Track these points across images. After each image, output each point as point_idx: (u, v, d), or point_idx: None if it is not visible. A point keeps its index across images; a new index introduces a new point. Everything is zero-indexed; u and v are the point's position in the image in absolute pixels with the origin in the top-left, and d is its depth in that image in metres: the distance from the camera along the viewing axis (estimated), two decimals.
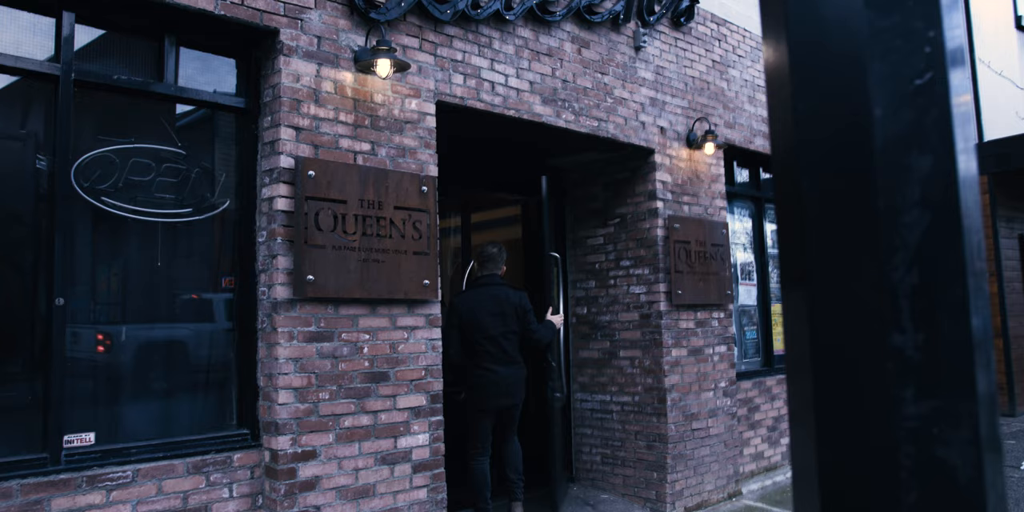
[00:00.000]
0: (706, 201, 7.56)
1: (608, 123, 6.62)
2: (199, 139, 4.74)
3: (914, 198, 0.68)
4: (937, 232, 0.68)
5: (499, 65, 5.80)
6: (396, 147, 5.06)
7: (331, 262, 4.60)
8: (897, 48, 0.68)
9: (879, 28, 0.68)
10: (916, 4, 0.69)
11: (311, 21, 4.78)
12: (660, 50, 7.26)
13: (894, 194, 0.68)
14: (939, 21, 0.69)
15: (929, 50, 0.68)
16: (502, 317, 6.04)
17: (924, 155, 0.68)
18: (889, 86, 0.69)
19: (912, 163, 0.68)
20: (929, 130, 0.68)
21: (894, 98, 0.68)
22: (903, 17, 0.68)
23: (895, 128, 0.68)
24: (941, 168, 0.68)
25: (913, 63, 0.68)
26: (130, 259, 4.46)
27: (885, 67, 0.68)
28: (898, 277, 0.68)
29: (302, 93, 4.67)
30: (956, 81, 0.69)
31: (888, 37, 0.68)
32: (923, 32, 0.68)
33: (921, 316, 0.68)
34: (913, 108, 0.68)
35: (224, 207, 4.71)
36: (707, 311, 7.41)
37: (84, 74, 4.22)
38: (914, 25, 0.68)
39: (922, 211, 0.68)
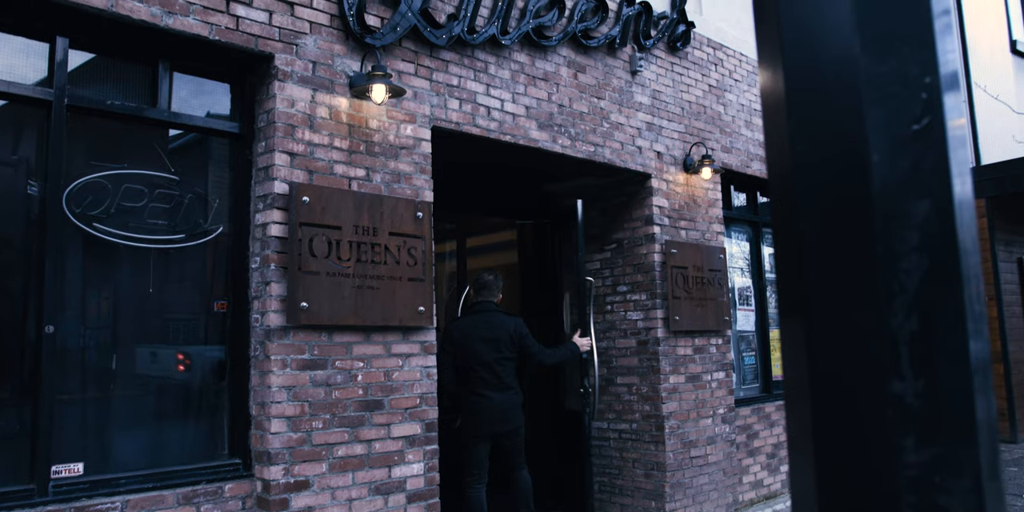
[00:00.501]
0: (703, 226, 7.58)
1: (605, 148, 6.65)
2: (192, 164, 4.75)
3: (912, 243, 0.68)
4: (936, 278, 0.68)
5: (495, 90, 5.83)
6: (391, 173, 5.07)
7: (325, 289, 4.59)
8: (894, 94, 0.69)
9: (875, 73, 0.69)
10: (912, 50, 0.69)
11: (306, 46, 4.81)
12: (656, 74, 7.31)
13: (892, 239, 0.69)
14: (935, 67, 0.69)
15: (926, 96, 0.69)
16: (495, 343, 6.06)
17: (922, 200, 0.69)
18: (886, 131, 0.69)
19: (910, 208, 0.69)
20: (927, 175, 0.69)
21: (891, 144, 0.69)
22: (899, 63, 0.69)
23: (893, 173, 0.69)
24: (939, 213, 0.69)
25: (910, 109, 0.69)
26: (121, 286, 4.45)
27: (882, 112, 0.69)
28: (897, 323, 0.68)
29: (297, 118, 4.69)
30: (952, 122, 0.70)
31: (884, 83, 0.69)
32: (920, 78, 0.69)
33: (921, 363, 0.68)
34: (910, 154, 0.69)
35: (217, 233, 4.71)
36: (705, 337, 7.40)
37: (77, 99, 4.23)
38: (910, 71, 0.69)
39: (921, 256, 0.68)
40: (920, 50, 0.69)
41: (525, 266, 8.64)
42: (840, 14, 0.71)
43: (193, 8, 4.38)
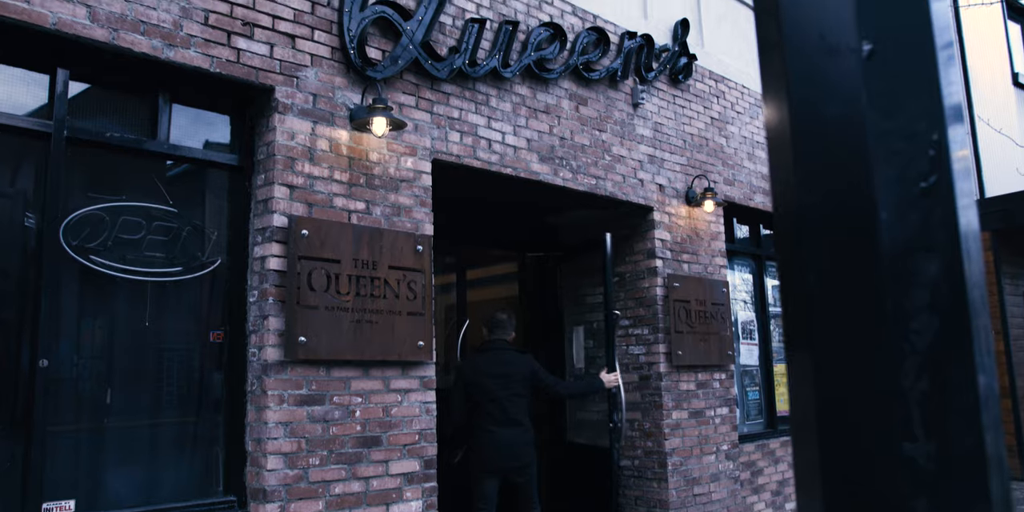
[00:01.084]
0: (706, 259, 7.58)
1: (606, 181, 6.67)
2: (191, 196, 4.77)
3: (922, 302, 0.68)
4: (947, 337, 0.68)
5: (496, 123, 5.87)
6: (391, 206, 5.09)
7: (324, 323, 4.58)
8: (901, 151, 0.69)
9: (882, 130, 0.69)
10: (919, 106, 0.70)
11: (307, 79, 4.85)
12: (658, 107, 7.35)
13: (902, 298, 0.69)
14: (943, 124, 0.70)
15: (933, 153, 0.69)
16: (506, 379, 6.10)
17: (931, 259, 0.69)
18: (894, 189, 0.69)
19: (919, 267, 0.69)
20: (935, 234, 0.69)
21: (899, 201, 0.69)
22: (907, 120, 0.69)
23: (901, 232, 0.69)
24: (949, 272, 0.69)
25: (917, 166, 0.69)
26: (117, 319, 4.44)
27: (889, 169, 0.69)
28: (908, 384, 0.68)
29: (297, 151, 4.71)
30: (960, 183, 0.70)
31: (892, 139, 0.69)
32: (927, 135, 0.69)
33: (932, 424, 0.67)
34: (919, 211, 0.69)
35: (215, 266, 4.71)
36: (708, 372, 7.38)
37: (76, 131, 4.25)
38: (918, 128, 0.69)
39: (931, 316, 0.68)
40: (927, 106, 0.70)
41: (526, 299, 8.63)
42: (846, 69, 0.71)
43: (194, 41, 4.42)
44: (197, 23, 4.45)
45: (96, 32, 4.09)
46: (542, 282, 8.39)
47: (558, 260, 8.14)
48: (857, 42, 0.71)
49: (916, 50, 0.71)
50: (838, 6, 0.73)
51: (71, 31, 4.02)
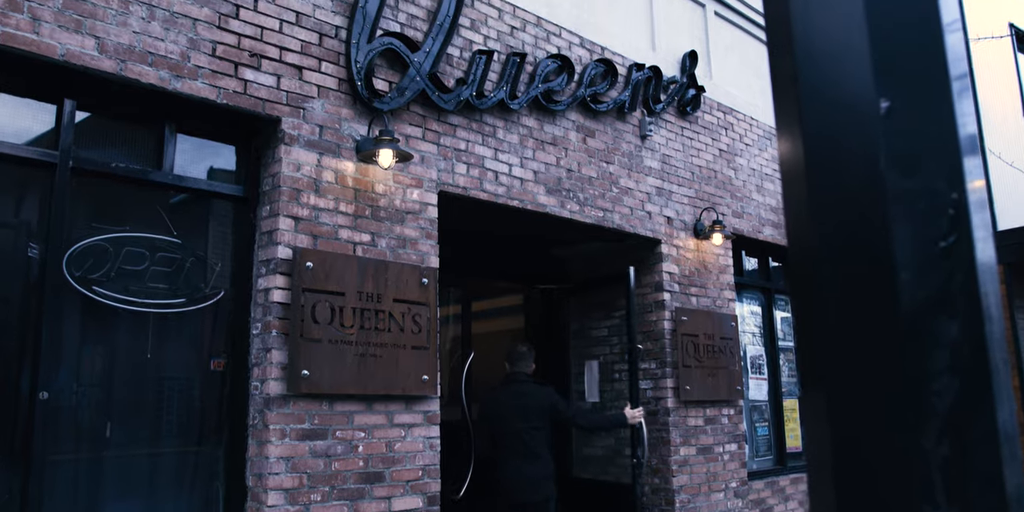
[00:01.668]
0: (714, 292, 7.57)
1: (613, 213, 6.68)
2: (195, 227, 4.78)
3: (943, 364, 0.68)
4: (968, 401, 0.68)
5: (503, 154, 5.89)
6: (397, 238, 5.10)
7: (327, 356, 4.57)
8: (920, 210, 0.69)
9: (901, 190, 0.69)
10: (938, 165, 0.70)
11: (313, 110, 4.88)
12: (666, 139, 7.38)
13: (922, 359, 0.68)
14: (962, 182, 0.70)
15: (953, 213, 0.69)
16: (525, 413, 6.13)
17: (952, 320, 0.68)
18: (913, 249, 0.69)
19: (940, 328, 0.68)
20: (956, 294, 0.69)
21: (919, 261, 0.69)
22: (925, 178, 0.69)
23: (921, 292, 0.69)
24: (969, 333, 0.68)
25: (937, 225, 0.69)
26: (119, 351, 4.44)
27: (908, 229, 0.69)
28: (929, 446, 0.67)
29: (302, 183, 4.73)
30: (980, 243, 0.70)
31: (911, 199, 0.69)
32: (946, 194, 0.69)
33: (954, 489, 0.67)
34: (939, 272, 0.69)
35: (218, 298, 4.71)
36: (716, 407, 7.33)
37: (82, 161, 4.28)
38: (937, 186, 0.69)
39: (952, 378, 0.68)
40: (946, 165, 0.70)
41: (531, 332, 8.61)
42: (864, 126, 0.72)
43: (202, 72, 4.46)
44: (205, 54, 4.49)
45: (104, 63, 4.13)
46: (548, 315, 8.38)
47: (565, 293, 8.13)
48: (875, 99, 0.71)
49: (934, 107, 0.72)
50: (855, 62, 0.73)
51: (79, 62, 4.05)
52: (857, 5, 0.75)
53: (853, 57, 0.74)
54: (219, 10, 4.60)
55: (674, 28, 7.89)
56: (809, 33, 0.77)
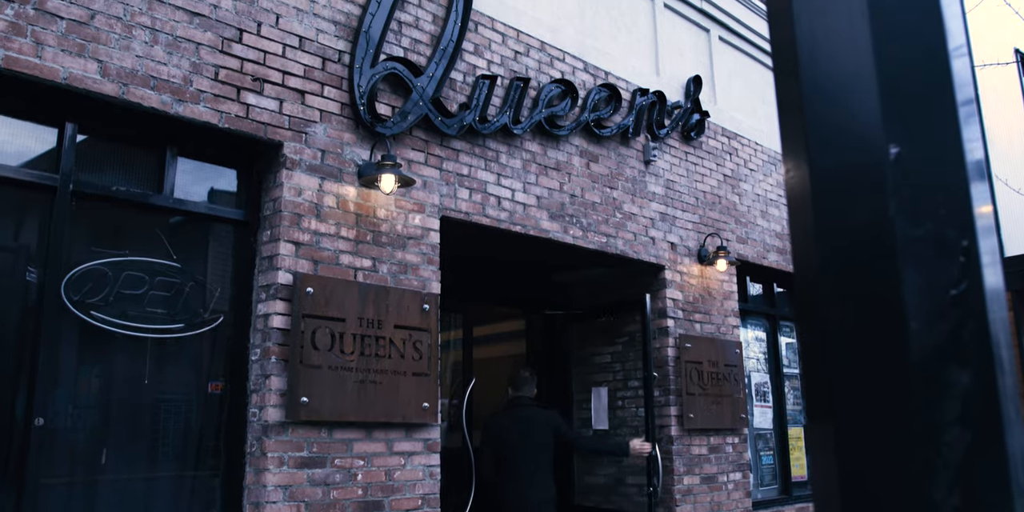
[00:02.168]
0: (718, 319, 7.55)
1: (617, 239, 6.68)
2: (195, 252, 4.78)
3: (954, 415, 0.67)
4: (980, 452, 0.67)
5: (506, 180, 5.90)
6: (398, 263, 5.09)
7: (327, 383, 4.56)
8: (930, 258, 0.69)
9: (911, 237, 0.69)
10: (948, 212, 0.69)
11: (316, 134, 4.90)
12: (670, 164, 7.40)
13: (933, 410, 0.68)
14: (973, 229, 0.69)
15: (963, 260, 0.69)
16: (528, 437, 6.23)
17: (963, 370, 0.68)
18: (923, 297, 0.69)
19: (950, 378, 0.68)
20: (967, 343, 0.68)
21: (929, 309, 0.68)
22: (936, 226, 0.69)
23: (931, 341, 0.68)
24: (981, 384, 0.68)
25: (947, 273, 0.69)
26: (116, 377, 4.42)
27: (919, 277, 0.69)
28: (940, 498, 0.67)
29: (303, 207, 4.74)
30: (992, 290, 0.69)
31: (921, 247, 0.69)
32: (957, 241, 0.69)
33: None
34: (949, 320, 0.68)
35: (217, 323, 4.70)
36: (721, 436, 7.29)
37: (82, 185, 4.28)
38: (947, 234, 0.69)
39: (963, 429, 0.67)
40: (956, 212, 0.70)
41: (533, 358, 8.58)
42: (873, 172, 0.72)
43: (204, 96, 4.48)
44: (207, 78, 4.52)
45: (106, 87, 4.15)
46: (550, 341, 8.36)
47: (567, 319, 8.11)
48: (884, 144, 0.71)
49: (945, 152, 0.72)
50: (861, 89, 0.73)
51: (81, 86, 4.07)
52: (863, 31, 0.75)
53: (860, 85, 0.74)
54: (222, 34, 4.63)
55: (678, 53, 7.93)
56: (815, 59, 0.77)
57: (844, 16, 0.77)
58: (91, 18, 4.15)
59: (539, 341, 8.52)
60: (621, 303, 7.44)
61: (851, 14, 0.76)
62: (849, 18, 0.76)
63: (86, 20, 4.13)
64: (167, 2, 4.45)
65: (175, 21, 4.45)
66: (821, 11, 0.78)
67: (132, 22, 4.29)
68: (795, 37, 0.79)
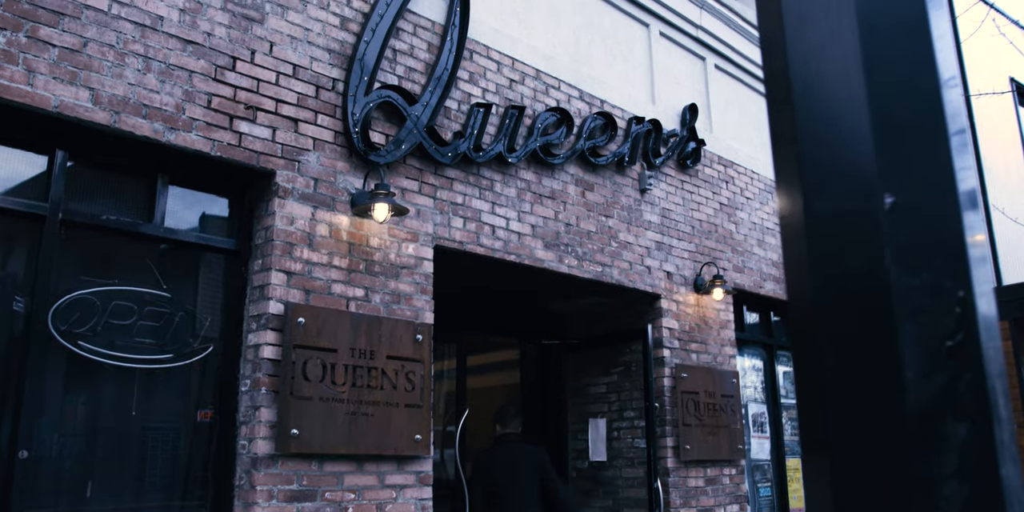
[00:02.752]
0: (715, 349, 7.54)
1: (613, 268, 6.68)
2: (185, 281, 4.77)
3: (951, 469, 0.67)
4: (978, 506, 0.66)
5: (500, 208, 5.91)
6: (391, 293, 5.09)
7: (318, 415, 4.53)
8: (927, 308, 0.69)
9: (907, 287, 0.69)
10: (945, 262, 0.69)
11: (309, 163, 4.90)
12: (666, 192, 7.42)
13: (929, 463, 0.67)
14: (969, 280, 0.69)
15: (960, 311, 0.69)
16: (517, 473, 6.27)
17: (960, 423, 0.67)
18: (919, 347, 0.68)
19: (947, 430, 0.67)
20: (963, 395, 0.68)
21: (925, 360, 0.68)
22: (932, 276, 0.69)
23: (927, 392, 0.68)
24: (979, 437, 0.67)
25: (943, 324, 0.69)
26: (103, 408, 4.40)
27: (914, 327, 0.68)
28: None
29: (296, 236, 4.73)
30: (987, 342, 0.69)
31: (917, 297, 0.69)
32: (953, 291, 0.69)
33: None
34: (945, 372, 0.68)
35: (207, 353, 4.68)
36: (718, 467, 7.25)
37: (71, 213, 4.28)
38: (943, 284, 0.69)
39: (961, 483, 0.66)
40: (952, 262, 0.69)
41: (527, 388, 8.55)
42: (868, 221, 0.71)
43: (196, 124, 4.49)
44: (200, 106, 4.53)
45: (98, 115, 4.16)
46: (545, 371, 8.33)
47: (562, 348, 8.09)
48: (880, 193, 0.71)
49: (940, 200, 0.72)
50: (858, 153, 0.74)
51: (73, 114, 4.08)
52: (856, 62, 0.76)
53: (852, 116, 0.75)
54: (216, 62, 4.65)
55: (674, 81, 7.98)
56: (808, 89, 0.78)
57: (837, 47, 0.77)
58: (83, 46, 4.17)
59: (534, 371, 8.49)
60: (617, 333, 7.43)
61: (843, 45, 0.77)
62: (842, 49, 0.77)
63: (78, 48, 4.15)
64: (161, 30, 4.47)
65: (168, 49, 4.47)
66: (813, 41, 0.79)
67: (125, 50, 4.31)
68: (788, 66, 0.79)
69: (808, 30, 0.79)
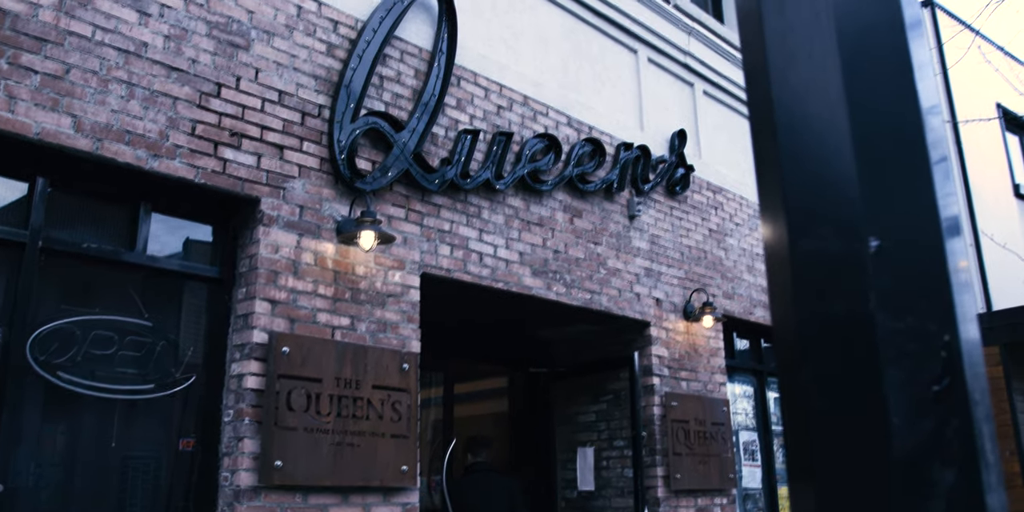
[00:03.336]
0: (705, 376, 7.53)
1: (601, 295, 6.68)
2: (167, 310, 4.74)
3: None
4: None
5: (488, 235, 5.91)
6: (377, 321, 5.07)
7: (302, 446, 4.49)
8: (912, 352, 0.68)
9: (892, 330, 0.69)
10: (930, 305, 0.69)
11: (294, 190, 4.90)
12: (655, 219, 7.44)
13: (916, 508, 0.66)
14: (954, 324, 0.69)
15: (945, 355, 0.68)
16: (489, 500, 6.38)
17: (947, 468, 0.67)
18: (905, 392, 0.68)
19: (934, 477, 0.67)
20: (951, 441, 0.67)
21: (911, 406, 0.68)
22: (917, 319, 0.69)
23: (914, 438, 0.67)
24: (966, 482, 0.67)
25: (929, 369, 0.68)
26: (82, 439, 4.35)
27: (900, 372, 0.68)
28: None
29: (280, 264, 4.72)
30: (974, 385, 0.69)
31: (902, 340, 0.69)
32: (938, 335, 0.69)
33: None
34: (932, 418, 0.68)
35: (189, 383, 4.64)
36: (708, 497, 7.21)
37: (52, 241, 4.25)
38: (928, 328, 0.69)
39: None
40: (937, 306, 0.69)
41: (515, 417, 8.51)
42: (853, 263, 0.71)
43: (180, 151, 4.48)
44: (184, 133, 4.53)
45: (80, 142, 4.15)
46: (533, 399, 8.30)
47: (551, 376, 8.07)
48: (864, 237, 0.71)
49: (925, 243, 0.72)
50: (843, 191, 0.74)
51: (54, 141, 4.07)
52: (838, 91, 0.76)
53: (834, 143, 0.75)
54: (200, 89, 4.66)
55: (662, 107, 8.03)
56: (791, 116, 0.78)
57: (819, 75, 0.78)
58: (66, 72, 4.17)
59: (522, 399, 8.46)
60: (605, 360, 7.41)
61: (826, 72, 0.77)
62: (824, 76, 0.77)
63: (61, 74, 4.15)
64: (145, 56, 4.47)
65: (152, 75, 4.48)
66: (796, 68, 0.79)
67: (108, 76, 4.31)
68: (771, 96, 0.80)
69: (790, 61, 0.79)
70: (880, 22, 0.78)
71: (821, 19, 0.78)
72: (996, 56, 12.39)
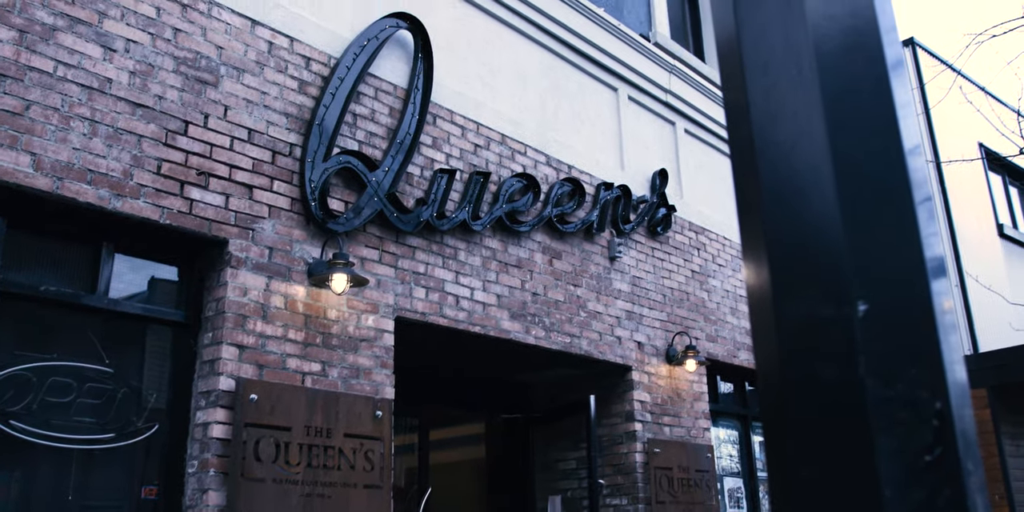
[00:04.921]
0: (689, 422, 7.48)
1: (581, 339, 6.65)
2: (129, 355, 4.67)
3: None
4: None
5: (464, 278, 5.89)
6: (349, 367, 5.01)
7: (270, 498, 4.41)
8: (903, 420, 0.66)
9: (882, 398, 0.67)
10: (920, 372, 0.67)
11: (263, 231, 4.87)
12: (636, 260, 7.44)
13: None
14: (945, 390, 0.67)
15: (937, 424, 0.66)
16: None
17: None
18: (897, 462, 0.66)
19: None
20: (943, 511, 0.65)
21: (903, 476, 0.66)
22: (907, 387, 0.67)
23: (906, 510, 0.65)
24: None
25: (921, 437, 0.66)
26: (35, 492, 4.25)
27: (891, 441, 0.66)
28: None
29: (249, 308, 4.67)
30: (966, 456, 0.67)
31: (893, 408, 0.66)
32: (930, 403, 0.67)
33: None
34: (924, 488, 0.65)
35: (151, 432, 4.56)
36: None
37: (8, 284, 4.19)
38: (919, 396, 0.67)
39: None
40: (928, 371, 0.67)
41: (493, 463, 8.42)
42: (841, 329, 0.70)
43: (144, 191, 4.45)
44: (149, 172, 4.50)
45: (39, 181, 4.11)
46: (511, 445, 8.22)
47: (529, 422, 8.00)
48: (852, 299, 0.69)
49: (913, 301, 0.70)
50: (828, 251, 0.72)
51: (12, 180, 4.03)
52: (820, 131, 0.75)
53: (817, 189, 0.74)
54: (167, 126, 4.63)
55: (643, 146, 8.07)
56: (772, 158, 0.77)
57: (802, 115, 0.77)
58: (26, 109, 4.14)
59: (499, 445, 8.38)
60: (572, 405, 7.36)
61: (809, 113, 0.76)
62: (808, 117, 0.76)
63: (20, 111, 4.12)
64: (109, 93, 4.45)
65: (116, 112, 4.45)
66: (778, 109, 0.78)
67: (70, 113, 4.29)
68: (752, 137, 0.79)
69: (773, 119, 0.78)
70: (861, 60, 0.77)
71: (804, 72, 0.77)
72: (978, 96, 12.58)
